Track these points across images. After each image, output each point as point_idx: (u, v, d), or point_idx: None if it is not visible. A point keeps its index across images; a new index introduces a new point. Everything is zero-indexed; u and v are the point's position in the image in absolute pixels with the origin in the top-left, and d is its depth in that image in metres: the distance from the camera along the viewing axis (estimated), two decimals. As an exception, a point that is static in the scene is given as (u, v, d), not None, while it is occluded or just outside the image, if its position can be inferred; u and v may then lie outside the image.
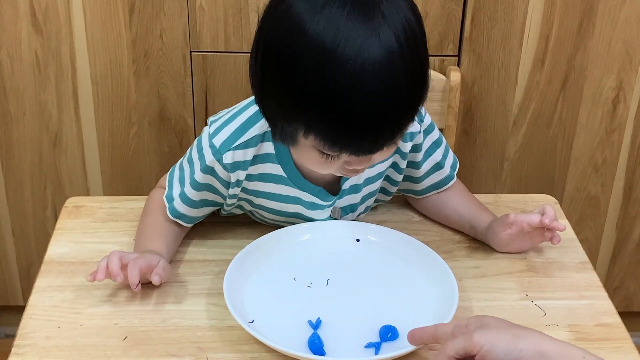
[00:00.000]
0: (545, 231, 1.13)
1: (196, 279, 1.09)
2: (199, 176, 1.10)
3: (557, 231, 1.12)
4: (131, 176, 1.71)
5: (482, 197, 1.25)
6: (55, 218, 1.71)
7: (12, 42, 1.58)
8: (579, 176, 1.75)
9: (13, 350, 0.97)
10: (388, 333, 0.98)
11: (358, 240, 1.14)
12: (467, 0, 1.57)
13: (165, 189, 1.15)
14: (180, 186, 1.13)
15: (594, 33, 1.60)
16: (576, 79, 1.65)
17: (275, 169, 1.10)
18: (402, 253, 1.11)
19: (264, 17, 0.95)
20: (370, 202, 1.20)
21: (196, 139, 1.13)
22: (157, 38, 1.58)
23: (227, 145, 1.07)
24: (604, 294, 1.09)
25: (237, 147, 1.07)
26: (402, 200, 1.27)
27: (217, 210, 1.20)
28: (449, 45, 1.61)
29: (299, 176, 1.10)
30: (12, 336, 1.00)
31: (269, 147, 1.08)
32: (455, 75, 1.52)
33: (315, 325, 1.00)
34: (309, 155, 0.98)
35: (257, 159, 1.09)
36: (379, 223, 1.18)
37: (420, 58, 0.92)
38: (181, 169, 1.15)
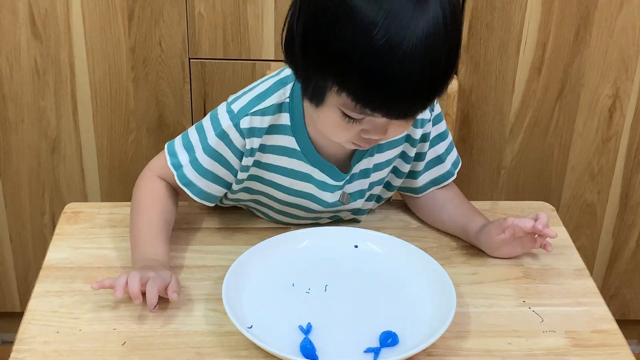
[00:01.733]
0: (537, 238, 1.13)
1: (195, 284, 1.10)
2: (213, 141, 1.11)
3: (548, 238, 1.13)
4: (129, 182, 1.72)
5: (479, 204, 1.26)
6: (53, 224, 1.71)
7: (11, 48, 1.58)
8: (575, 184, 1.76)
9: (12, 355, 0.97)
10: (388, 339, 0.99)
11: (356, 246, 1.15)
12: (464, 9, 1.58)
13: (165, 165, 1.14)
14: (188, 153, 1.13)
15: (591, 42, 1.61)
16: (573, 87, 1.66)
17: (290, 141, 1.11)
18: (400, 259, 1.12)
19: None
20: (377, 190, 1.21)
21: (210, 112, 1.14)
22: (156, 45, 1.59)
23: (245, 111, 1.09)
24: (601, 300, 1.09)
25: (254, 113, 1.09)
26: (400, 207, 1.28)
27: (221, 199, 1.19)
28: (447, 53, 1.61)
29: (313, 150, 1.11)
30: (10, 342, 1.00)
31: (285, 118, 1.10)
32: (453, 83, 1.53)
33: (306, 330, 1.00)
34: (331, 116, 0.99)
35: (272, 129, 1.10)
36: (377, 229, 1.18)
37: (460, 31, 0.97)
38: (186, 136, 1.14)
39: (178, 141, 1.15)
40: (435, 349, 0.99)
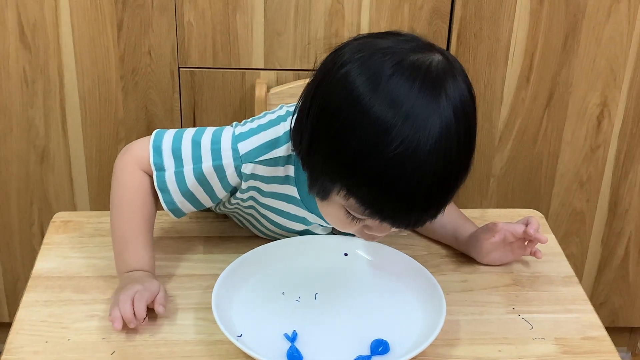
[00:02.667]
0: (527, 244, 1.13)
1: (184, 293, 1.09)
2: (207, 170, 1.06)
3: (538, 245, 1.13)
4: (118, 192, 1.71)
5: (469, 212, 1.26)
6: (42, 234, 1.71)
7: (0, 57, 1.58)
8: (564, 192, 1.76)
9: (0, 365, 0.97)
10: (379, 347, 0.99)
11: (346, 254, 1.15)
12: (453, 18, 1.59)
13: (146, 154, 1.08)
14: (176, 163, 1.08)
15: (579, 50, 1.62)
16: (561, 96, 1.66)
17: (291, 190, 1.09)
18: (390, 267, 1.12)
19: (320, 76, 0.94)
20: None
21: (212, 129, 1.09)
22: (145, 54, 1.59)
23: (251, 157, 1.05)
24: (590, 307, 1.10)
25: (260, 162, 1.06)
26: (390, 215, 1.28)
27: (218, 206, 1.18)
28: (436, 62, 1.62)
29: (312, 199, 1.05)
30: (-3, 352, 1.00)
31: (290, 170, 1.07)
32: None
33: (292, 338, 1.00)
34: (335, 212, 0.97)
35: (275, 179, 1.07)
36: (367, 237, 1.18)
37: (474, 140, 0.93)
38: (177, 142, 1.08)
39: (167, 141, 1.08)
40: (425, 357, 0.99)
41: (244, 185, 1.08)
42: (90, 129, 1.65)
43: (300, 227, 1.14)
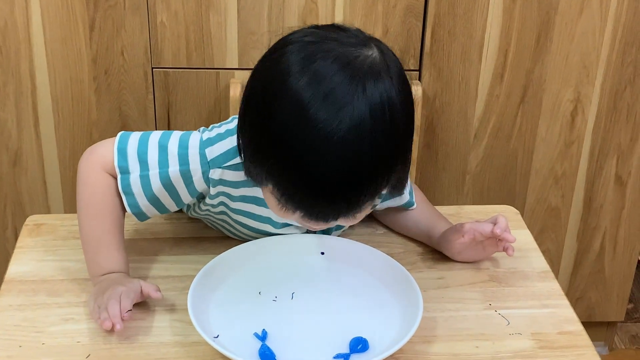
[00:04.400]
0: (498, 241, 1.14)
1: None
2: (174, 175, 1.06)
3: (508, 242, 1.13)
4: (93, 194, 1.70)
5: (445, 209, 1.26)
6: (16, 238, 1.68)
7: (-30, 60, 1.56)
8: (539, 188, 1.77)
9: (-27, 370, 0.95)
10: (358, 345, 0.98)
11: (323, 253, 1.14)
12: (426, 16, 1.59)
13: (111, 157, 1.07)
14: (141, 167, 1.06)
15: (552, 47, 1.63)
16: (535, 93, 1.67)
17: (260, 192, 1.07)
18: (366, 265, 1.12)
19: (261, 59, 0.94)
20: (346, 227, 1.20)
21: (179, 133, 1.08)
22: (118, 55, 1.58)
23: (218, 163, 1.05)
24: (566, 302, 1.10)
25: (228, 167, 1.05)
26: (366, 213, 1.28)
27: (190, 211, 1.18)
28: (410, 60, 1.62)
29: None
30: (-30, 358, 0.98)
31: None
32: (417, 90, 1.54)
33: (262, 337, 0.99)
34: (270, 200, 0.96)
35: (244, 182, 1.06)
36: (344, 235, 1.18)
37: (393, 143, 0.90)
38: (144, 146, 1.07)
39: (133, 144, 1.07)
40: (403, 354, 0.99)
41: (212, 191, 1.07)
42: (63, 131, 1.64)
43: (273, 229, 1.14)
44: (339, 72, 0.87)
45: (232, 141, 1.05)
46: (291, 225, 1.14)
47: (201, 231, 1.22)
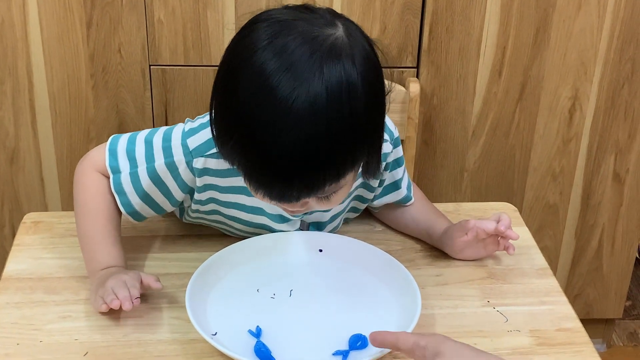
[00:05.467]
0: (499, 240, 1.14)
1: (158, 292, 1.08)
2: (160, 168, 1.07)
3: (511, 240, 1.13)
4: (90, 192, 1.69)
5: (443, 206, 1.26)
6: (14, 236, 1.68)
7: (-33, 57, 1.56)
8: (537, 185, 1.77)
9: (-29, 368, 0.95)
10: (358, 342, 0.98)
11: (321, 250, 1.14)
12: (424, 13, 1.59)
13: (103, 159, 1.09)
14: (130, 164, 1.08)
15: (550, 44, 1.63)
16: (533, 90, 1.67)
17: None
18: (365, 262, 1.12)
19: (233, 38, 0.95)
20: (338, 220, 1.19)
21: (164, 128, 1.09)
22: (115, 52, 1.57)
23: (201, 151, 1.05)
24: (564, 299, 1.10)
25: (210, 156, 1.06)
26: (364, 211, 1.28)
27: (183, 215, 1.18)
28: (408, 57, 1.62)
29: None
30: (-33, 356, 0.98)
31: None
32: (415, 87, 1.54)
33: (257, 333, 0.99)
34: (244, 181, 0.95)
35: (229, 171, 1.06)
36: (342, 233, 1.18)
37: (351, 127, 0.88)
38: (132, 144, 1.09)
39: (122, 144, 1.09)
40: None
41: (199, 183, 1.08)
42: (60, 129, 1.63)
43: (264, 220, 1.13)
44: (301, 46, 0.87)
45: None
46: (287, 218, 1.13)
47: (199, 229, 1.22)
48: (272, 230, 1.15)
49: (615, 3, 1.59)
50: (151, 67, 1.59)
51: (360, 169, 0.97)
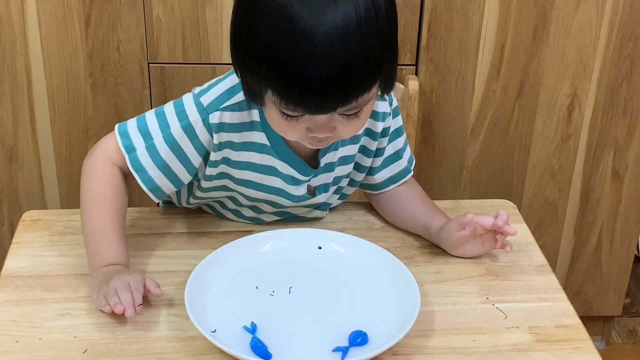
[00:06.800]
0: (497, 236, 1.14)
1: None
2: (177, 133, 1.08)
3: (508, 238, 1.13)
4: (89, 190, 1.69)
5: (442, 203, 1.26)
6: (12, 234, 1.68)
7: (-35, 55, 1.56)
8: (536, 182, 1.77)
9: (-30, 366, 0.95)
10: (358, 338, 0.98)
11: (320, 247, 1.14)
12: (423, 10, 1.59)
13: (116, 148, 1.09)
14: (145, 139, 1.09)
15: (548, 41, 1.63)
16: (532, 87, 1.67)
17: (260, 137, 1.10)
18: (364, 259, 1.12)
19: None
20: (343, 183, 1.20)
21: (171, 101, 1.11)
22: (114, 50, 1.57)
23: (215, 105, 1.07)
24: (563, 295, 1.10)
25: (225, 109, 1.07)
26: (364, 208, 1.28)
27: (188, 199, 1.18)
28: (407, 54, 1.62)
29: (283, 145, 1.10)
30: (-33, 354, 0.98)
31: (255, 114, 1.08)
32: (414, 84, 1.54)
33: (252, 329, 0.99)
34: (274, 115, 0.98)
35: (243, 125, 1.08)
36: (341, 230, 1.18)
37: (381, 34, 0.93)
38: (142, 121, 1.10)
39: (132, 124, 1.10)
40: (401, 348, 0.99)
41: (215, 140, 1.08)
42: (59, 127, 1.63)
43: (276, 181, 1.13)
44: None
45: (223, 85, 1.08)
46: (298, 180, 1.14)
47: (198, 226, 1.22)
48: (280, 195, 1.15)
49: (613, 0, 1.59)
50: (150, 65, 1.59)
51: (378, 88, 0.99)
